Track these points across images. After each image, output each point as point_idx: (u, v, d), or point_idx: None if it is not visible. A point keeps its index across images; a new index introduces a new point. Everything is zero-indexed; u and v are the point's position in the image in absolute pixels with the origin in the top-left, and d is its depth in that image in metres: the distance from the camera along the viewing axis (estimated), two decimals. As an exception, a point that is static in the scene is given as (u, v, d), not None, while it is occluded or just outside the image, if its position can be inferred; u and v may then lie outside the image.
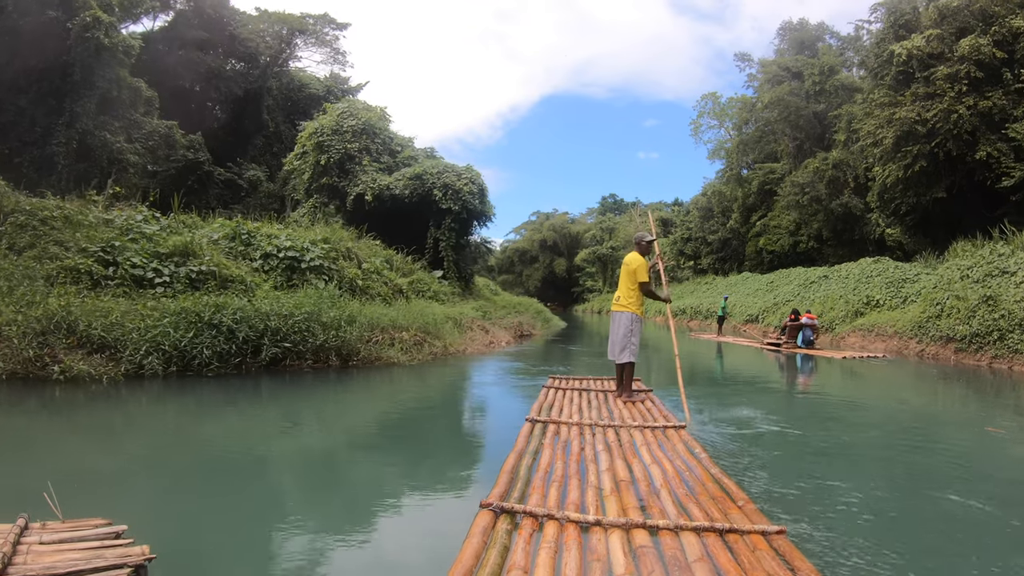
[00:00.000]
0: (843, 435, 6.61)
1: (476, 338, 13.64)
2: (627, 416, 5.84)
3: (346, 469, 5.35)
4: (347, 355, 10.00)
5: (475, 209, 18.43)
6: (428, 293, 15.07)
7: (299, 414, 7.54)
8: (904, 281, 20.72)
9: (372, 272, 13.18)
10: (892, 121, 21.86)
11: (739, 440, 5.87)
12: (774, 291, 31.03)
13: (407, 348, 10.98)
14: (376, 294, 12.60)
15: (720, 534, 3.00)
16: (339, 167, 18.55)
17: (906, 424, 7.46)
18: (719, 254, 46.10)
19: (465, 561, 2.65)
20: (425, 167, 18.12)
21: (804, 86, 34.03)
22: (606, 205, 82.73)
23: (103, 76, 22.65)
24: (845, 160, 30.76)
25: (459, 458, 5.72)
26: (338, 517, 4.04)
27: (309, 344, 9.59)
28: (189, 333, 8.79)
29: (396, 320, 11.18)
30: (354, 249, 13.34)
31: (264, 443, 6.00)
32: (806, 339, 17.06)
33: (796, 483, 4.50)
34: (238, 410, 7.74)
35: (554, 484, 3.74)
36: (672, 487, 3.73)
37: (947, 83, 20.61)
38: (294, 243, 12.21)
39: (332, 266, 12.30)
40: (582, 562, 2.66)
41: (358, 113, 19.20)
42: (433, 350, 11.53)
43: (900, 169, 22.06)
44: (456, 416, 8.07)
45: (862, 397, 9.95)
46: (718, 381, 12.02)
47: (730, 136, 42.91)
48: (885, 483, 4.77)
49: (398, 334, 10.84)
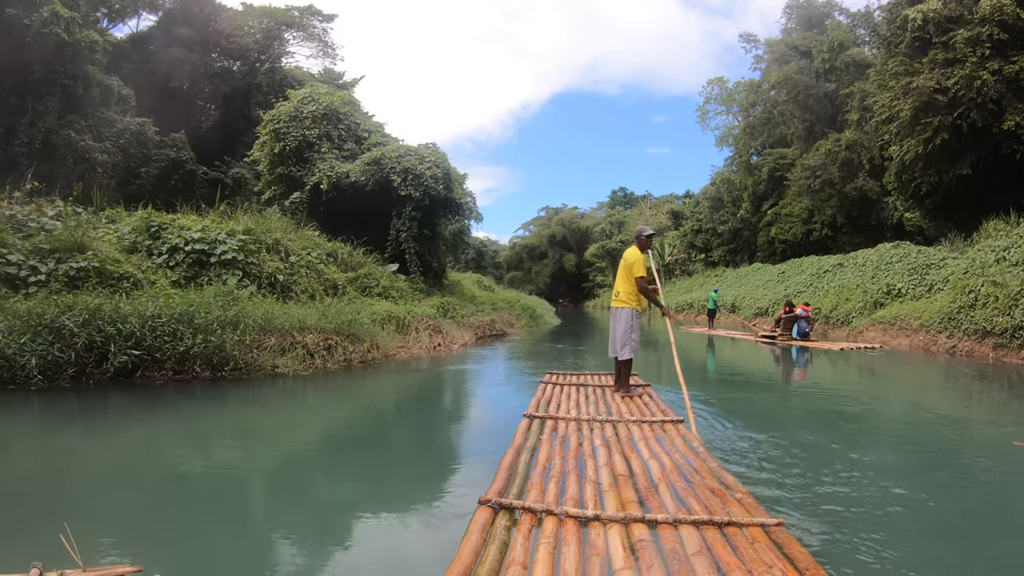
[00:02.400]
0: (841, 427, 6.44)
1: (422, 340, 11.78)
2: (625, 411, 5.75)
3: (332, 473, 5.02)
4: (218, 364, 8.17)
5: (438, 195, 16.19)
6: (376, 289, 13.23)
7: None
8: (928, 267, 18.25)
9: (302, 266, 11.33)
10: (909, 91, 19.46)
11: (736, 434, 5.72)
12: (785, 282, 28.90)
13: (310, 355, 9.12)
14: (303, 291, 10.76)
15: (719, 527, 2.93)
16: (296, 155, 16.67)
17: (901, 416, 7.39)
18: (730, 245, 43.70)
19: (464, 558, 2.59)
20: (384, 151, 16.13)
21: (813, 65, 31.52)
22: (616, 199, 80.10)
23: (66, 73, 21.22)
24: (859, 141, 28.27)
25: (456, 455, 5.59)
26: (333, 519, 3.87)
27: (170, 351, 7.80)
28: (22, 338, 7.06)
29: (304, 320, 9.30)
30: (284, 241, 11.52)
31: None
32: (801, 331, 16.63)
33: (794, 476, 4.42)
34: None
35: (552, 479, 3.68)
36: (670, 481, 3.66)
37: (968, 47, 18.20)
38: (205, 235, 10.44)
39: (249, 260, 10.50)
40: (581, 557, 2.60)
41: (319, 98, 17.35)
42: (347, 356, 9.65)
43: (920, 144, 19.64)
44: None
45: (856, 389, 9.63)
46: (712, 375, 11.54)
47: (738, 122, 40.36)
48: (885, 477, 4.52)
49: (301, 337, 8.97)
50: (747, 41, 37.32)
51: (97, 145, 22.36)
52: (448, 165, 16.68)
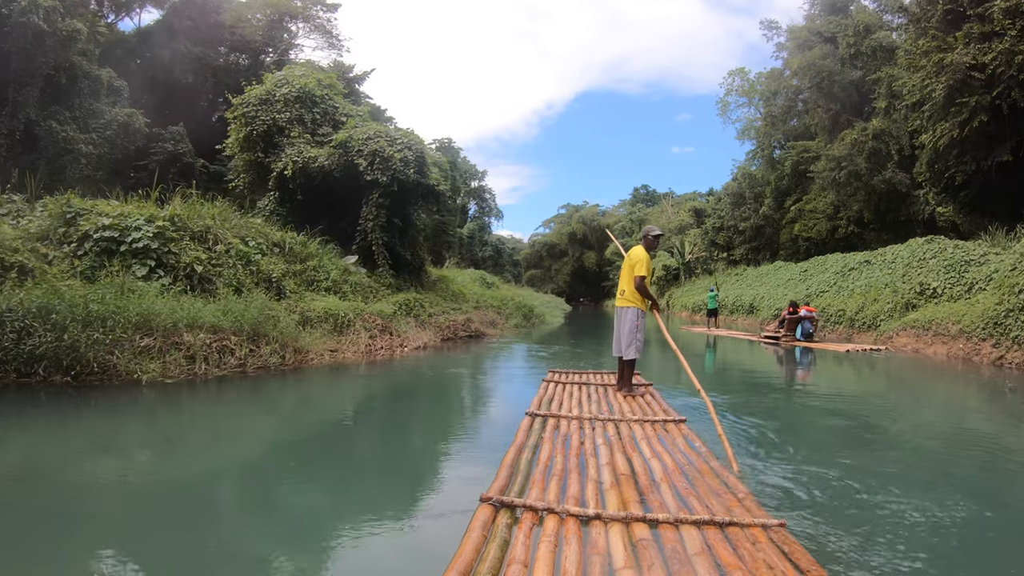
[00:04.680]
0: (844, 430, 6.35)
1: (359, 341, 10.26)
2: (627, 410, 5.68)
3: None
4: (69, 367, 6.76)
5: (408, 180, 14.41)
6: (325, 284, 11.81)
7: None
8: (967, 263, 15.87)
9: (231, 257, 9.93)
10: (942, 69, 17.33)
11: (738, 434, 5.60)
12: (807, 281, 26.78)
13: (191, 359, 7.67)
14: (227, 284, 9.36)
15: (720, 527, 2.90)
16: (266, 140, 15.23)
17: (908, 419, 7.28)
18: (752, 243, 41.43)
19: (465, 555, 2.56)
20: (352, 132, 14.57)
21: (838, 51, 29.18)
22: (638, 196, 77.70)
23: (46, 63, 20.35)
24: (887, 129, 25.94)
25: (459, 454, 5.31)
26: (333, 516, 3.76)
27: (13, 351, 6.47)
28: None
29: (198, 317, 7.87)
30: (215, 228, 10.14)
31: None
32: (805, 332, 16.20)
33: (796, 477, 4.33)
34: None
35: (554, 478, 3.61)
36: (672, 480, 3.59)
37: (1007, 19, 16.03)
38: (118, 222, 9.14)
39: (165, 249, 9.15)
40: (582, 556, 2.57)
41: (294, 80, 15.98)
42: (239, 359, 8.08)
43: (954, 128, 17.51)
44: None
45: (858, 391, 9.39)
46: (714, 376, 11.18)
47: (759, 114, 38.06)
48: (890, 481, 4.32)
49: (191, 337, 7.55)
50: (769, 28, 34.92)
51: (81, 136, 21.49)
52: (423, 148, 15.04)
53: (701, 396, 5.46)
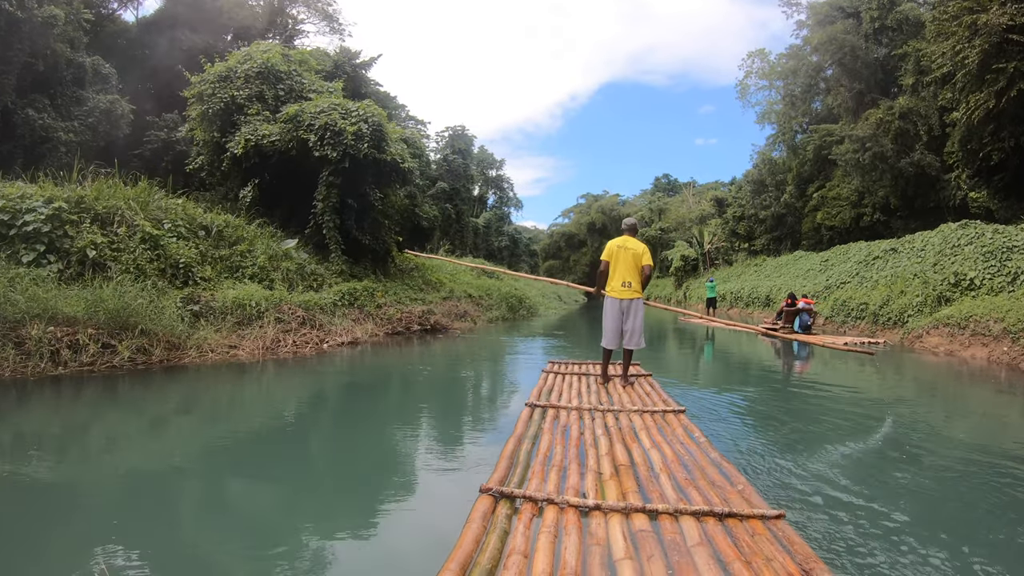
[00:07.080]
0: (842, 422, 6.18)
1: (265, 336, 8.98)
2: (626, 400, 5.56)
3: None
4: None
5: (361, 155, 12.79)
6: (251, 269, 10.49)
7: None
8: (1010, 250, 13.74)
9: (134, 241, 8.66)
10: (976, 33, 15.24)
11: (737, 425, 5.56)
12: (828, 271, 24.77)
13: (26, 354, 6.40)
14: (125, 270, 8.12)
15: (719, 518, 2.85)
16: (223, 119, 13.97)
17: (904, 410, 7.01)
18: (773, 233, 39.21)
19: (465, 546, 2.50)
20: (305, 105, 13.19)
21: (862, 26, 26.88)
22: (659, 185, 75.11)
23: (22, 50, 19.51)
24: (915, 108, 23.66)
25: (458, 444, 5.24)
26: (336, 505, 3.79)
27: None
28: None
29: (50, 308, 6.60)
30: (123, 210, 8.91)
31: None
32: (803, 324, 15.96)
33: (795, 468, 4.31)
34: None
35: (554, 469, 3.55)
36: (671, 471, 3.54)
37: (1055, -29, 14.00)
38: (10, 204, 7.95)
39: (59, 232, 7.94)
40: (582, 546, 2.52)
41: (257, 55, 14.70)
42: (90, 356, 6.79)
43: (990, 98, 15.40)
44: None
45: (856, 384, 9.05)
46: (712, 366, 11.09)
47: (780, 96, 35.72)
48: (889, 473, 4.37)
49: (33, 330, 6.30)
50: (788, 5, 32.58)
51: (61, 124, 20.67)
52: (382, 121, 13.50)
53: (692, 319, 4.57)
